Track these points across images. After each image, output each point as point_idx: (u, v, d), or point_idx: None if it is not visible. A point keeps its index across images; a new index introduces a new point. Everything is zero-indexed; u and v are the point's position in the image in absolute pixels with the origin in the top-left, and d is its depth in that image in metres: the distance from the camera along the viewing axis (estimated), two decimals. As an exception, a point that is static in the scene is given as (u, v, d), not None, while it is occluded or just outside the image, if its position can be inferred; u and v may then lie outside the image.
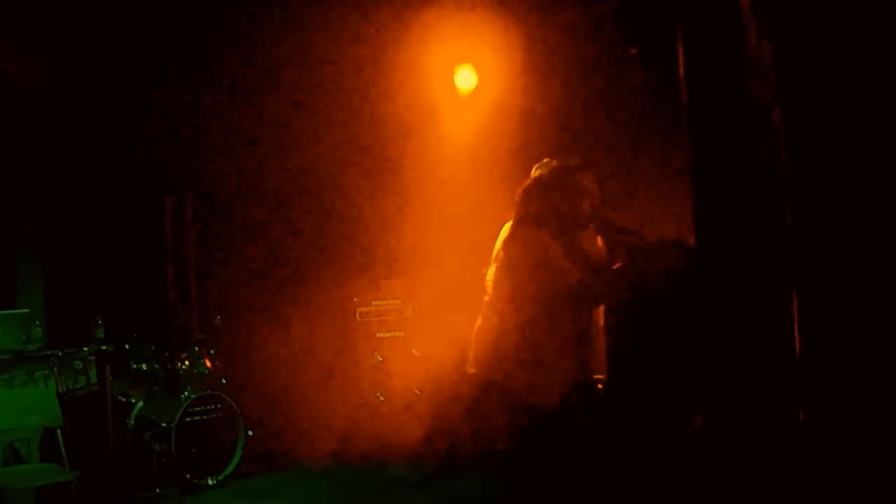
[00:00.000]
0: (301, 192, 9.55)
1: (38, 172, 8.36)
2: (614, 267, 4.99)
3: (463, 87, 8.77)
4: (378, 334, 8.93)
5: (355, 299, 8.90)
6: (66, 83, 7.99)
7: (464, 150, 8.60)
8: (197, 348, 8.24)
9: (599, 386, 5.50)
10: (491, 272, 5.26)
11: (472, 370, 5.24)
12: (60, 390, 6.91)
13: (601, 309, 5.26)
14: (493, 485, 6.94)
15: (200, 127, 9.02)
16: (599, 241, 5.14)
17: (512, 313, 4.96)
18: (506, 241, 5.07)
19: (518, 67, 8.18)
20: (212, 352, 8.30)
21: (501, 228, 5.29)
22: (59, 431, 6.27)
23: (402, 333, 8.97)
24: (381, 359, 8.84)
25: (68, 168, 8.45)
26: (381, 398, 8.75)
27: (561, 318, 4.86)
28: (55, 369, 7.00)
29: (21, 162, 8.23)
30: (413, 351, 8.86)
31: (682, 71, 4.35)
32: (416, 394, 8.67)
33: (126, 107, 8.37)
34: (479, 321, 5.24)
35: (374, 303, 8.96)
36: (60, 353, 7.04)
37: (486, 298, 5.22)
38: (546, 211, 4.92)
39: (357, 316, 8.90)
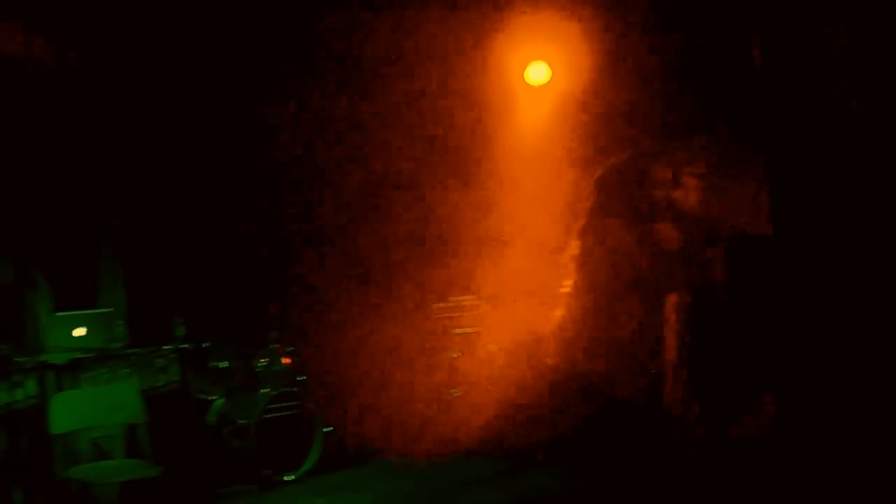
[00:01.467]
0: (379, 191, 9.58)
1: (117, 175, 8.51)
2: (688, 257, 4.96)
3: (536, 81, 8.76)
4: (454, 330, 8.93)
5: (431, 296, 8.92)
6: (141, 92, 8.13)
7: (539, 145, 8.57)
8: (275, 346, 8.34)
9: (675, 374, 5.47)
10: (566, 263, 5.25)
11: (550, 361, 5.26)
12: (143, 388, 7.02)
13: (674, 299, 5.23)
14: (570, 479, 6.96)
15: (278, 126, 9.10)
16: (674, 231, 5.10)
17: (587, 304, 4.96)
18: (580, 232, 5.06)
19: (590, 62, 8.14)
20: (290, 349, 8.40)
21: (576, 220, 5.29)
22: (142, 428, 6.37)
23: (478, 329, 8.96)
24: (457, 355, 8.85)
25: (146, 169, 8.59)
26: (458, 393, 8.76)
27: (635, 308, 4.84)
28: (137, 367, 7.12)
29: (101, 166, 8.39)
30: (489, 346, 8.86)
31: (758, 63, 4.30)
32: (491, 389, 8.67)
33: (201, 108, 8.49)
34: (556, 312, 5.24)
35: (450, 299, 8.97)
36: (143, 352, 7.16)
37: (565, 290, 5.22)
38: (620, 202, 4.90)
39: (434, 312, 8.91)
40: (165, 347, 7.32)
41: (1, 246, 6.85)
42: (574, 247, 5.16)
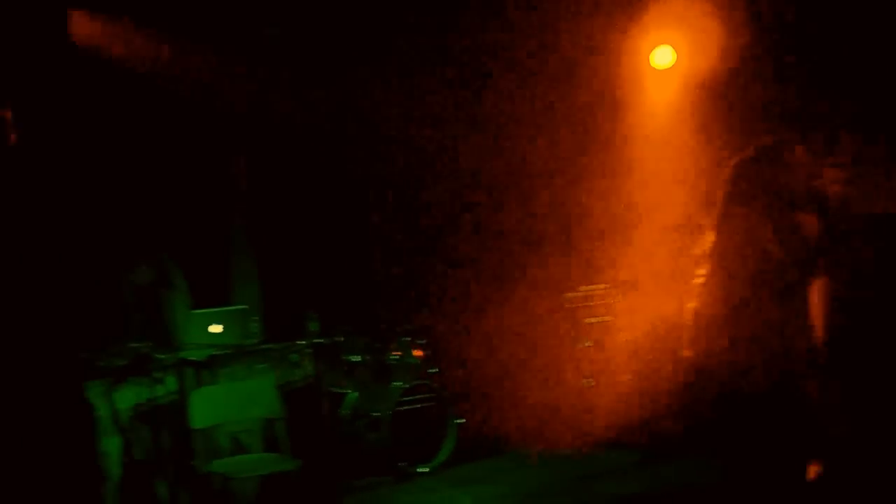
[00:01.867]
0: (508, 180, 9.54)
1: (247, 173, 8.68)
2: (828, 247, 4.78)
3: (661, 64, 8.60)
4: (586, 320, 8.83)
5: (563, 285, 8.83)
6: (269, 91, 8.24)
7: (670, 130, 8.42)
8: (406, 339, 8.38)
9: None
10: (701, 252, 5.12)
11: (686, 353, 5.13)
12: (279, 383, 7.12)
13: (819, 285, 5.05)
14: (705, 471, 6.79)
15: (404, 120, 9.14)
16: (815, 220, 4.92)
17: (723, 296, 4.83)
18: (717, 222, 4.93)
19: (716, 44, 7.96)
20: (421, 342, 8.42)
21: (709, 207, 5.14)
22: (279, 422, 6.47)
23: (609, 318, 8.85)
24: (589, 344, 8.75)
25: (276, 169, 8.74)
26: (591, 383, 8.66)
27: (772, 300, 4.70)
28: (273, 363, 7.22)
29: (232, 165, 8.57)
30: (622, 335, 8.74)
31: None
32: (626, 378, 8.55)
33: (327, 106, 8.58)
34: (691, 304, 5.11)
35: (581, 288, 8.87)
36: (278, 347, 7.27)
37: (699, 281, 5.08)
38: (757, 189, 4.75)
39: (565, 302, 8.82)
40: (300, 342, 7.41)
41: (142, 250, 7.02)
42: (708, 237, 5.01)
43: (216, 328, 6.85)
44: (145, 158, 7.84)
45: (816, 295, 4.99)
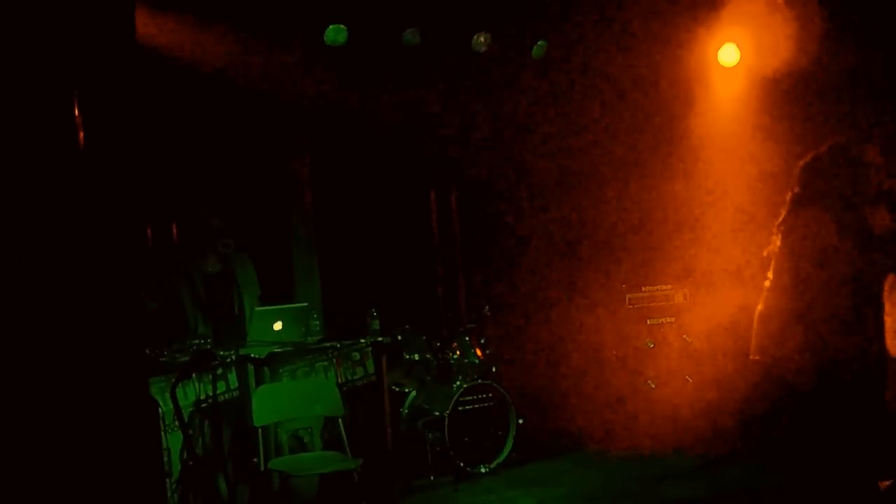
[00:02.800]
0: (573, 180, 9.49)
1: (311, 173, 8.70)
2: None
3: (727, 62, 8.50)
4: (648, 321, 8.73)
5: (624, 286, 8.75)
6: (337, 90, 8.26)
7: (734, 130, 8.32)
8: (467, 338, 8.35)
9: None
10: (768, 254, 5.04)
11: (754, 357, 5.06)
12: (340, 381, 7.13)
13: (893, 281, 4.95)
14: (772, 475, 6.69)
15: (461, 121, 9.12)
16: (887, 218, 4.81)
17: (793, 300, 4.75)
18: (786, 223, 4.84)
19: (781, 39, 7.84)
20: (482, 341, 8.39)
21: (776, 208, 5.06)
22: (340, 421, 6.46)
23: (672, 319, 8.74)
24: (652, 345, 8.66)
25: (339, 168, 8.75)
26: (653, 385, 8.57)
27: (843, 304, 4.61)
28: (334, 360, 7.22)
29: (296, 164, 8.60)
30: (684, 337, 8.64)
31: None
32: (688, 380, 8.47)
33: (390, 108, 8.58)
34: (760, 307, 5.03)
35: (644, 289, 8.77)
36: (339, 345, 7.27)
37: (767, 283, 5.01)
38: (828, 190, 4.67)
39: (627, 302, 8.73)
40: (361, 341, 7.40)
41: (207, 240, 7.04)
42: (776, 240, 4.93)
43: (277, 325, 6.85)
44: (212, 156, 7.89)
45: (891, 290, 4.89)
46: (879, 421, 4.80)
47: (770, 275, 4.98)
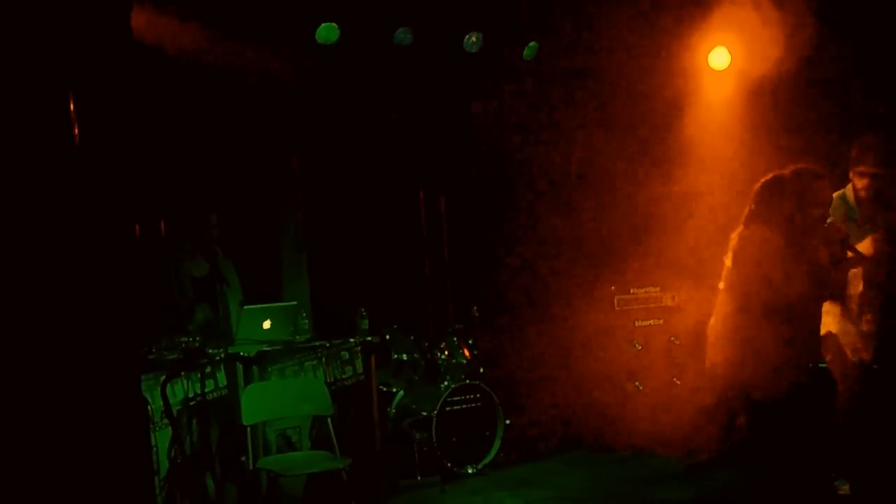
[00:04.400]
0: (556, 183, 9.51)
1: (301, 172, 8.69)
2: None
3: (718, 66, 8.53)
4: (636, 322, 8.75)
5: (613, 287, 8.76)
6: (326, 92, 8.25)
7: (723, 135, 8.36)
8: (455, 338, 8.36)
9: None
10: (723, 266, 5.14)
11: (707, 365, 5.19)
12: (328, 380, 7.13)
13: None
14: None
15: (452, 123, 9.12)
16: (825, 252, 4.92)
17: (737, 312, 4.85)
18: (739, 237, 4.94)
19: (773, 42, 7.88)
20: (470, 341, 8.40)
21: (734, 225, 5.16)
22: (329, 420, 6.45)
23: (660, 322, 8.77)
24: (639, 347, 8.67)
25: (329, 167, 8.74)
26: (640, 387, 8.59)
27: (783, 319, 4.71)
28: (323, 360, 7.22)
29: (286, 163, 8.58)
30: (672, 339, 8.66)
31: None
32: (676, 382, 8.49)
33: (382, 109, 8.59)
34: (711, 318, 5.16)
35: (632, 291, 8.79)
36: (328, 344, 7.26)
37: (719, 295, 5.12)
38: (779, 213, 4.78)
39: (615, 304, 8.75)
40: (350, 340, 7.40)
41: (196, 243, 7.04)
42: (729, 255, 5.03)
43: (266, 324, 6.85)
44: (202, 154, 7.87)
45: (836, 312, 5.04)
46: (829, 429, 4.92)
47: (721, 285, 5.09)
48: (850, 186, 6.08)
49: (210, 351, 6.54)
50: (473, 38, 8.40)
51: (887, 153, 5.69)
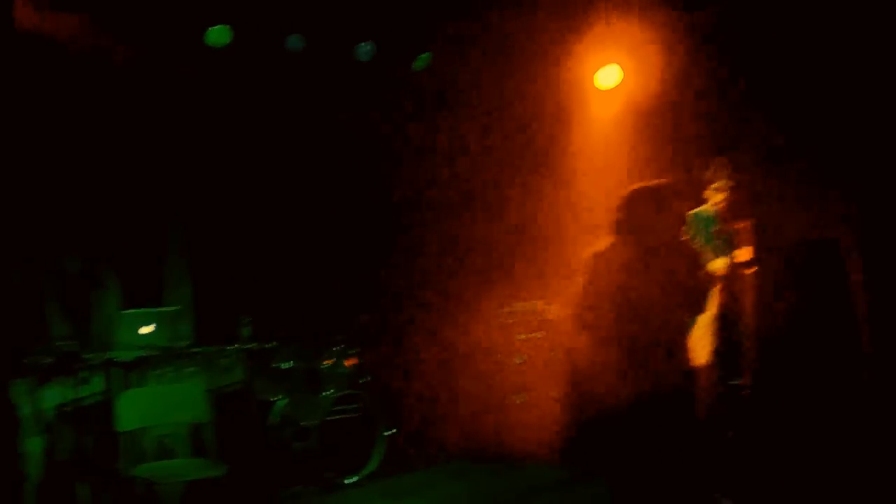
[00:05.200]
0: (444, 195, 9.54)
1: (185, 172, 8.54)
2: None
3: (606, 85, 8.69)
4: (520, 336, 8.84)
5: (497, 301, 8.84)
6: (210, 94, 8.16)
7: (609, 149, 8.51)
8: (339, 348, 8.32)
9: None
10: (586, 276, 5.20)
11: (565, 377, 5.28)
12: (208, 387, 7.01)
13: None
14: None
15: (354, 128, 9.10)
16: (683, 266, 5.04)
17: (590, 322, 4.92)
18: (596, 248, 5.02)
19: (659, 64, 8.07)
20: (354, 351, 8.37)
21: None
22: (207, 428, 6.36)
23: (542, 335, 8.87)
24: (521, 360, 8.76)
25: (215, 171, 8.61)
26: (521, 400, 8.67)
27: (637, 330, 4.80)
28: (203, 366, 7.12)
29: (169, 163, 8.42)
30: (553, 353, 8.77)
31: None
32: (556, 395, 8.59)
33: (272, 113, 8.53)
34: (570, 327, 5.20)
35: (517, 304, 8.88)
36: (209, 351, 7.16)
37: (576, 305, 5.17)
38: (640, 226, 4.87)
39: (501, 317, 8.83)
40: (231, 347, 7.31)
41: (70, 240, 6.87)
42: (585, 265, 5.10)
43: (146, 329, 6.72)
44: (84, 156, 7.67)
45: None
46: (694, 435, 5.03)
47: (579, 295, 5.12)
48: (706, 205, 6.37)
49: (86, 356, 6.39)
50: (366, 48, 8.40)
51: (740, 171, 5.93)
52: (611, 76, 8.61)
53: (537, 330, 8.89)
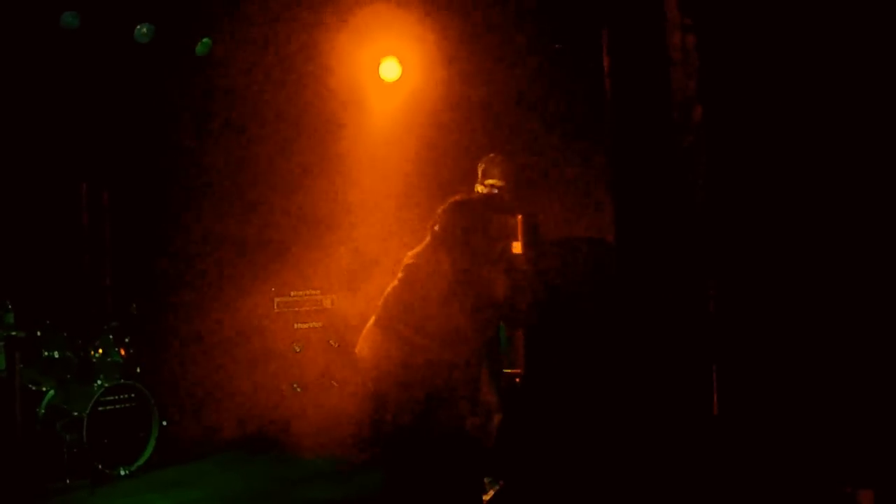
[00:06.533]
0: (222, 182, 9.44)
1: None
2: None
3: (388, 77, 8.79)
4: (296, 325, 8.85)
5: (273, 289, 8.82)
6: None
7: (391, 141, 8.62)
8: (111, 336, 8.10)
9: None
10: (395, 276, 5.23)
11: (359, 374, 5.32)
12: (-35, 376, 6.73)
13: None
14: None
15: (117, 116, 8.87)
16: (503, 283, 5.12)
17: (386, 328, 4.97)
18: (412, 257, 5.05)
19: (442, 60, 8.23)
20: (126, 340, 8.17)
21: (424, 221, 5.30)
22: (-34, 419, 6.10)
23: (319, 324, 8.92)
24: (298, 349, 8.78)
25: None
26: (299, 389, 8.69)
27: (436, 339, 4.88)
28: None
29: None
30: (330, 342, 8.82)
31: (606, 68, 4.38)
32: (333, 385, 8.65)
33: (43, 95, 8.22)
34: (371, 320, 5.21)
35: (291, 293, 8.89)
36: (-32, 338, 6.86)
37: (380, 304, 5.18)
38: (459, 239, 4.93)
39: (275, 306, 8.82)
40: (-8, 334, 7.01)
41: None
42: (401, 269, 5.14)
43: None
44: None
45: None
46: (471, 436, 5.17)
47: (388, 289, 5.15)
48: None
49: None
50: (144, 30, 8.22)
51: (509, 167, 6.10)
52: (392, 69, 8.72)
53: (314, 319, 8.93)
